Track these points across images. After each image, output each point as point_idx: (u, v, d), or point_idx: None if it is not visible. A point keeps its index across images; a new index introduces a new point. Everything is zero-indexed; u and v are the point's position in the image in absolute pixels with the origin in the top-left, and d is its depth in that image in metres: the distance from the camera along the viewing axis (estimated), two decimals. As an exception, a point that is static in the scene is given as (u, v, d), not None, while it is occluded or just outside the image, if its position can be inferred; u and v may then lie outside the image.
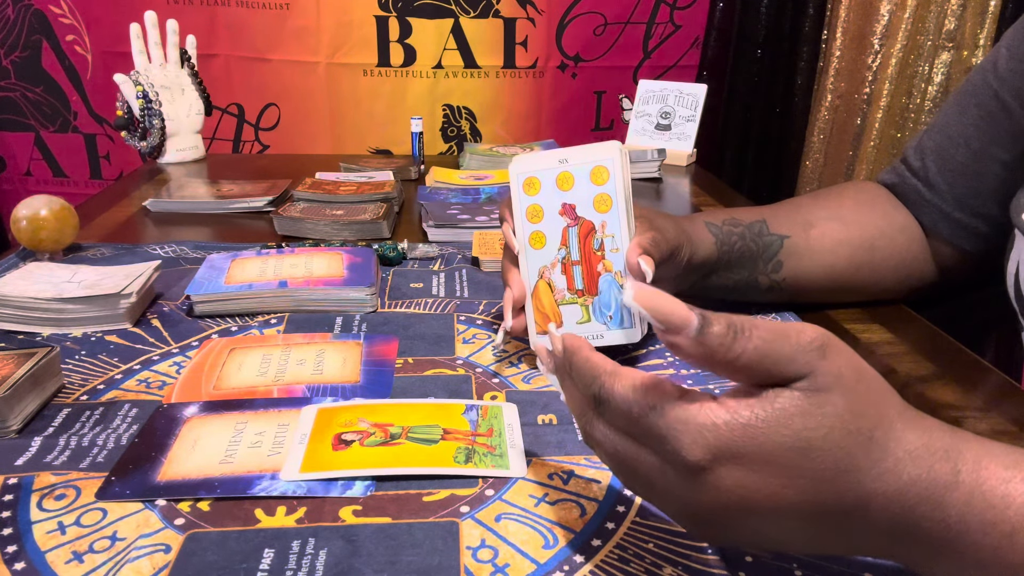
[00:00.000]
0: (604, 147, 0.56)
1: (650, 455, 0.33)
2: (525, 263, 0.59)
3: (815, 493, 0.31)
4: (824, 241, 0.68)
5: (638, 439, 0.34)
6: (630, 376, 0.34)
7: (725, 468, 0.31)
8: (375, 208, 0.96)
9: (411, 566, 0.39)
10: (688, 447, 0.31)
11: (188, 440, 0.49)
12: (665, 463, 0.32)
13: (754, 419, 0.30)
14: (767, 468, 0.30)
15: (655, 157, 1.25)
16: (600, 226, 0.57)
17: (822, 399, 0.30)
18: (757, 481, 0.31)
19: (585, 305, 0.58)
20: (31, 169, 1.93)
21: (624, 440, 0.34)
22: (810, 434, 0.30)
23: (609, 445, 0.35)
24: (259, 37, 1.79)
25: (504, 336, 0.59)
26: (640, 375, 0.34)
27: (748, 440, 0.30)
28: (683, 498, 0.33)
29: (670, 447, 0.32)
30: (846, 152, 1.87)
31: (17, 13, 1.80)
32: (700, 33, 1.90)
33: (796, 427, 0.30)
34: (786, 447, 0.30)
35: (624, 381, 0.34)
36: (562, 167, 0.57)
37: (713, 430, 0.31)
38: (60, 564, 0.39)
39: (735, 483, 0.31)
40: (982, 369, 0.62)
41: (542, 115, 1.91)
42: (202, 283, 0.70)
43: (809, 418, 0.30)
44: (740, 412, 0.31)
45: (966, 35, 1.74)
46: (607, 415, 0.35)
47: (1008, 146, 0.65)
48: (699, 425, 0.31)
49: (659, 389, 0.33)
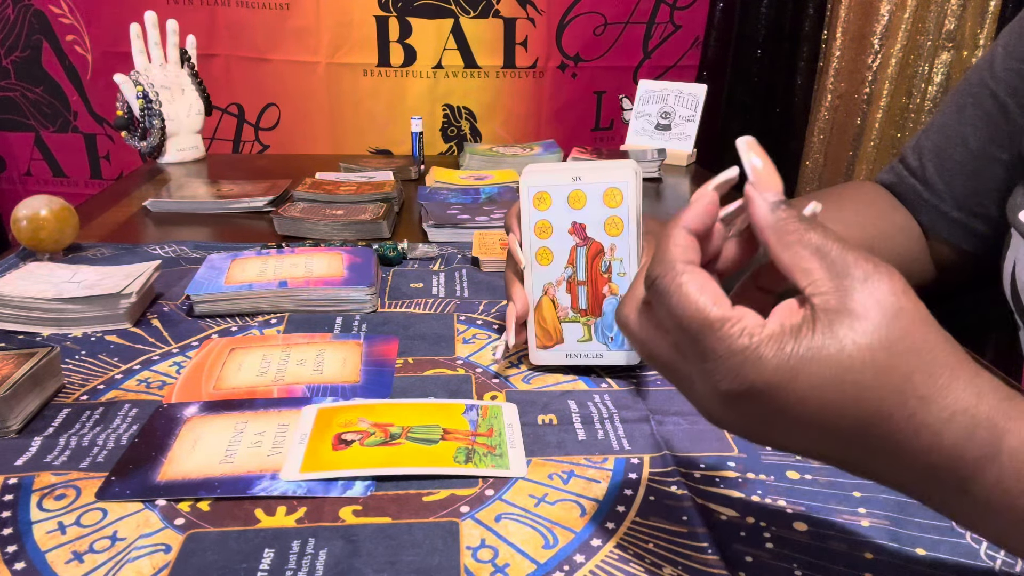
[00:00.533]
0: (619, 168, 0.55)
1: (685, 362, 0.33)
2: (530, 278, 0.58)
3: (844, 434, 0.30)
4: None
5: (678, 344, 0.33)
6: (697, 282, 0.32)
7: (756, 401, 0.30)
8: (375, 208, 0.96)
9: (411, 566, 0.39)
10: (724, 377, 0.31)
11: (188, 440, 0.49)
12: (699, 376, 0.32)
13: (794, 358, 0.29)
14: (799, 409, 0.30)
15: (655, 157, 1.25)
16: (609, 249, 0.56)
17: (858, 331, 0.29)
18: (787, 416, 0.30)
19: (588, 325, 0.58)
20: (31, 169, 1.93)
21: (664, 336, 0.34)
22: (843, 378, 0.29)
23: (643, 334, 0.34)
24: (259, 37, 1.79)
25: (505, 350, 0.59)
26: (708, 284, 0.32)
27: (785, 380, 0.30)
28: (711, 407, 0.33)
29: (708, 367, 0.31)
30: (846, 152, 1.87)
31: (17, 13, 1.80)
32: (700, 33, 1.90)
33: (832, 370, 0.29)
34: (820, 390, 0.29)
35: (690, 286, 0.32)
36: (575, 185, 0.56)
37: (753, 367, 0.30)
38: (60, 564, 0.39)
39: (765, 414, 0.31)
40: (982, 369, 0.62)
41: (542, 115, 1.91)
42: (202, 283, 0.70)
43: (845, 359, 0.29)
44: (783, 348, 0.30)
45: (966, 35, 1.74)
46: (657, 306, 0.33)
47: (1006, 145, 0.65)
48: (741, 359, 0.30)
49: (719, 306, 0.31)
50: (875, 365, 0.29)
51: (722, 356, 0.31)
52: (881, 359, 0.29)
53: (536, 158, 1.30)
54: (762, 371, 0.30)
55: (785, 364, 0.30)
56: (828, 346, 0.29)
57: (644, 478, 0.47)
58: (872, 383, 0.29)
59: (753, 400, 0.30)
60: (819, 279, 0.31)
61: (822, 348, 0.29)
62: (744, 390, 0.30)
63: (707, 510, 0.44)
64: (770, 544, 0.41)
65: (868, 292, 0.30)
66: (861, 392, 0.29)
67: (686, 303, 0.32)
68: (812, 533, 0.42)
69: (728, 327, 0.31)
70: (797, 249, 0.31)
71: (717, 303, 0.31)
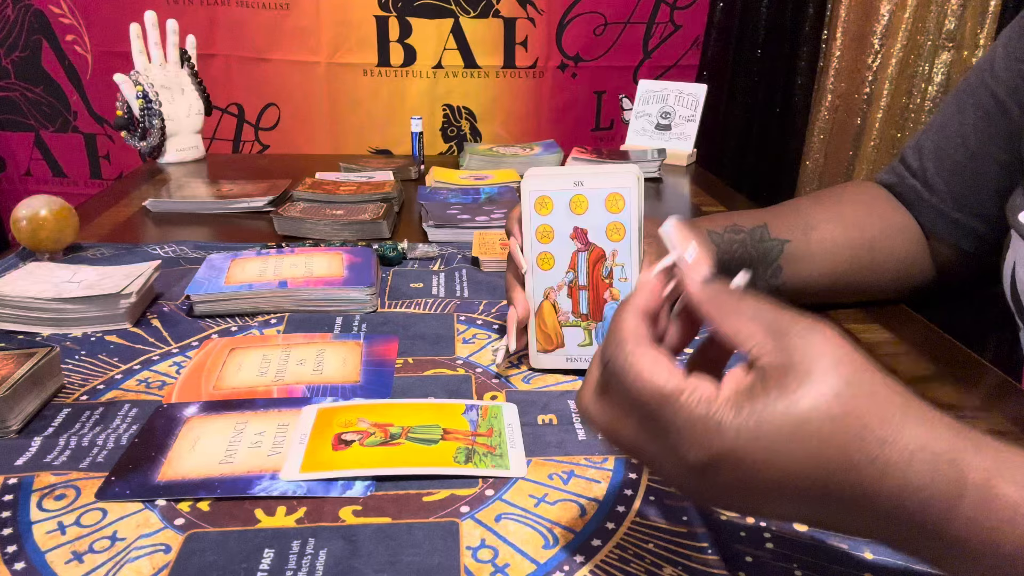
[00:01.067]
0: (621, 173, 0.55)
1: (650, 441, 0.33)
2: (531, 283, 0.58)
3: (815, 489, 0.30)
4: (824, 244, 0.68)
5: (641, 423, 0.33)
6: (650, 359, 0.33)
7: (725, 468, 0.31)
8: (375, 208, 0.96)
9: (411, 566, 0.39)
10: (689, 448, 0.31)
11: (188, 440, 0.49)
12: (665, 452, 0.32)
13: (752, 419, 0.30)
14: (767, 470, 0.30)
15: (655, 157, 1.25)
16: (611, 254, 0.56)
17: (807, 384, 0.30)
18: (757, 480, 0.31)
19: (588, 329, 0.58)
20: (31, 169, 1.93)
21: (626, 418, 0.34)
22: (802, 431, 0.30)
23: (606, 419, 0.35)
24: (259, 37, 1.79)
25: (505, 355, 0.59)
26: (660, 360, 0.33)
27: (747, 442, 0.30)
28: (684, 482, 0.33)
29: (671, 442, 0.32)
30: (846, 152, 1.87)
31: (17, 13, 1.80)
32: (700, 33, 1.90)
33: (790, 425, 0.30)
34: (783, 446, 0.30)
35: (643, 363, 0.33)
36: (577, 190, 0.55)
37: (716, 433, 0.30)
38: (60, 564, 0.39)
39: (735, 480, 0.31)
40: (982, 369, 0.62)
41: (542, 115, 1.91)
42: (202, 283, 0.70)
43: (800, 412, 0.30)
44: (740, 410, 0.30)
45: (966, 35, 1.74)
46: (614, 387, 0.34)
47: (1005, 146, 0.65)
48: (702, 427, 0.31)
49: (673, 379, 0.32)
50: (830, 414, 0.30)
51: (683, 427, 0.31)
52: (835, 408, 0.30)
53: (536, 158, 1.30)
54: (724, 436, 0.30)
55: (744, 426, 0.30)
56: (782, 402, 0.30)
57: (644, 478, 0.47)
58: (831, 432, 0.30)
59: (721, 468, 0.31)
60: (760, 341, 0.32)
61: (777, 405, 0.30)
62: (710, 459, 0.31)
63: (707, 510, 0.44)
64: (770, 544, 0.41)
65: (809, 345, 0.31)
66: (822, 443, 0.30)
67: (641, 379, 0.32)
68: (812, 533, 0.42)
69: (684, 397, 0.31)
70: (734, 317, 0.33)
71: (671, 376, 0.32)
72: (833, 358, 0.31)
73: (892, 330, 0.68)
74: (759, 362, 0.32)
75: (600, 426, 0.35)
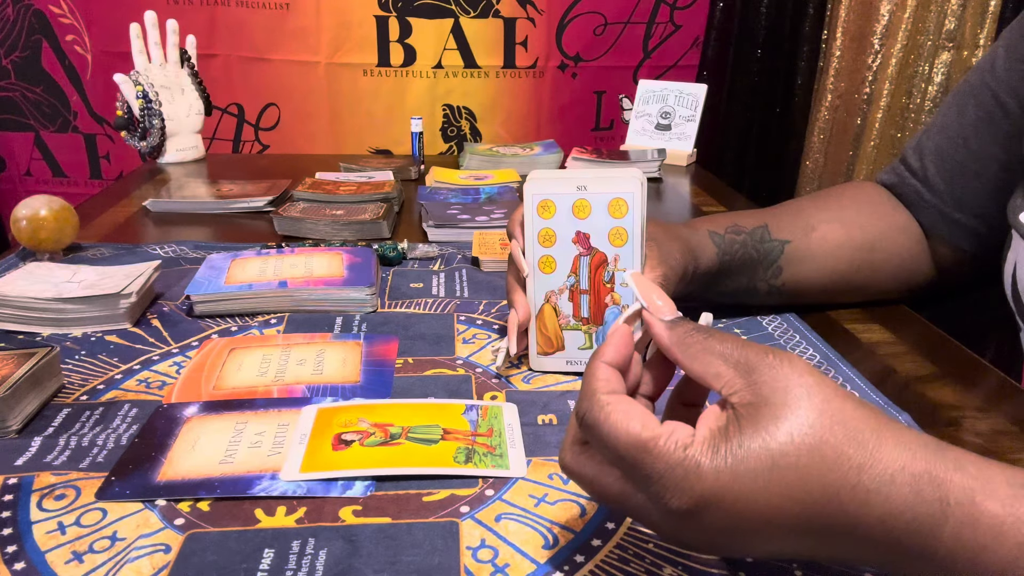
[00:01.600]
0: (625, 178, 0.55)
1: (635, 491, 0.33)
2: (532, 286, 0.58)
3: (800, 522, 0.30)
4: (825, 244, 0.68)
5: (623, 475, 0.33)
6: (623, 409, 0.33)
7: (708, 511, 0.31)
8: (375, 208, 0.96)
9: (411, 566, 0.39)
10: (671, 494, 0.31)
11: (188, 440, 0.49)
12: (651, 502, 0.32)
13: (729, 457, 0.30)
14: (750, 508, 0.30)
15: (655, 157, 1.25)
16: (613, 259, 0.56)
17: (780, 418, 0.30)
18: (742, 519, 0.31)
19: (589, 333, 0.58)
20: (31, 169, 1.93)
21: (608, 471, 0.34)
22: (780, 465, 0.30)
23: (589, 474, 0.35)
24: (259, 37, 1.79)
25: (506, 357, 0.59)
26: (633, 409, 0.33)
27: (727, 482, 0.30)
28: (672, 531, 0.33)
29: (654, 490, 0.32)
30: (846, 152, 1.87)
31: (17, 13, 1.80)
32: (700, 33, 1.90)
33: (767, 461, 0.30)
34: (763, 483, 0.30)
35: (616, 414, 0.33)
36: (580, 194, 0.55)
37: (696, 476, 0.30)
38: (60, 564, 0.39)
39: (720, 522, 0.31)
40: (982, 369, 0.62)
41: (542, 115, 1.91)
42: (202, 283, 0.70)
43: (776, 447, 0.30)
44: (717, 451, 0.31)
45: (966, 35, 1.74)
46: (592, 441, 0.34)
47: (1006, 146, 0.65)
48: (681, 471, 0.31)
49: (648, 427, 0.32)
50: (805, 446, 0.30)
51: (663, 474, 0.31)
52: (809, 439, 0.30)
53: (536, 158, 1.30)
54: (703, 478, 0.30)
55: (723, 466, 0.30)
56: (757, 439, 0.30)
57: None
58: (808, 464, 0.30)
59: (705, 511, 0.31)
60: (729, 379, 0.32)
61: (752, 442, 0.30)
62: (693, 503, 0.31)
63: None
64: (770, 544, 0.41)
65: (778, 380, 0.31)
66: (801, 475, 0.30)
67: (616, 431, 0.32)
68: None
69: (662, 443, 0.31)
70: (703, 357, 0.33)
71: (645, 425, 0.32)
72: (803, 390, 0.31)
73: (892, 330, 0.68)
74: (731, 400, 0.32)
75: (583, 482, 0.35)
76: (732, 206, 1.11)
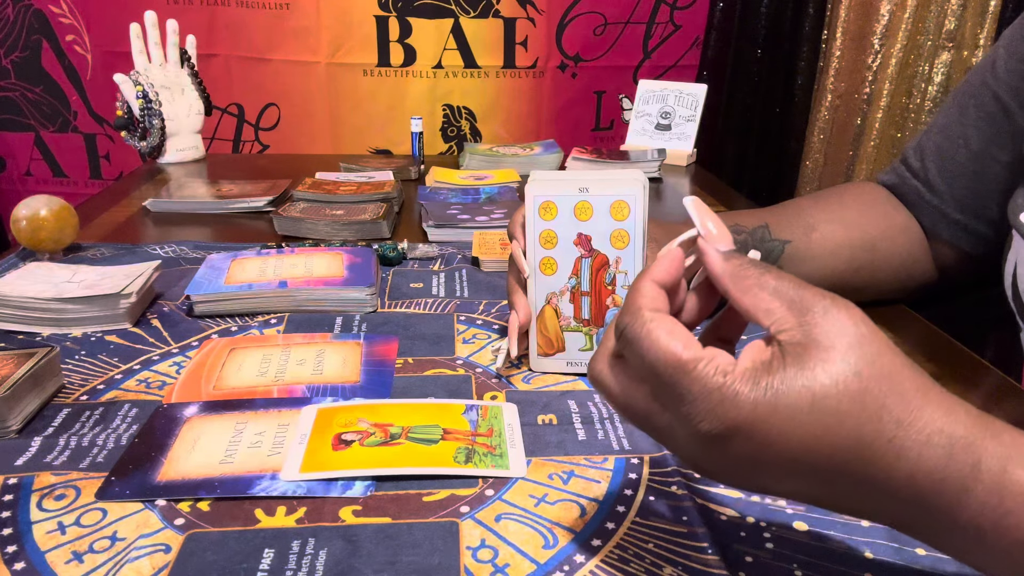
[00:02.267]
0: (627, 180, 0.55)
1: (663, 410, 0.33)
2: (533, 287, 0.58)
3: (829, 466, 0.30)
4: (826, 244, 0.68)
5: (654, 392, 0.33)
6: (667, 327, 0.33)
7: (738, 439, 0.30)
8: (375, 208, 0.96)
9: (411, 566, 0.39)
10: (704, 417, 0.31)
11: (188, 440, 0.49)
12: (678, 421, 0.32)
13: (770, 391, 0.30)
14: (781, 444, 0.30)
15: (655, 157, 1.25)
16: (614, 261, 0.56)
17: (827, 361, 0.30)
18: (770, 453, 0.30)
19: (590, 335, 0.58)
20: (31, 169, 1.93)
21: (638, 386, 0.34)
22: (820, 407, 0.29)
23: (618, 387, 0.35)
24: (259, 37, 1.79)
25: (506, 358, 0.59)
26: (677, 329, 0.33)
27: (764, 415, 0.30)
28: (695, 454, 0.33)
29: (685, 411, 0.31)
30: (846, 152, 1.87)
31: (17, 13, 1.80)
32: (700, 33, 1.90)
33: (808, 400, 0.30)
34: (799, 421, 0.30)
35: (660, 331, 0.32)
36: (582, 196, 0.55)
37: (732, 403, 0.30)
38: (60, 564, 0.39)
39: (748, 453, 0.31)
40: (982, 369, 0.62)
41: (542, 115, 1.91)
42: (202, 283, 0.70)
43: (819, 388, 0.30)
44: (759, 383, 0.30)
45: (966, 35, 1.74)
46: (629, 355, 0.34)
47: (1007, 147, 0.65)
48: (718, 397, 0.30)
49: (691, 348, 0.32)
50: (848, 392, 0.30)
51: (698, 396, 0.31)
52: (854, 386, 0.30)
53: (536, 158, 1.30)
54: (741, 407, 0.30)
55: (762, 399, 0.30)
56: (801, 378, 0.30)
57: (644, 478, 0.47)
58: (848, 409, 0.30)
59: (735, 439, 0.31)
60: (781, 317, 0.32)
61: (796, 380, 0.30)
62: (724, 429, 0.30)
63: (707, 510, 0.44)
64: (770, 544, 0.41)
65: (831, 324, 0.31)
66: (839, 420, 0.30)
67: (657, 347, 0.32)
68: (812, 533, 0.42)
69: (702, 367, 0.31)
70: (756, 292, 0.33)
71: (688, 346, 0.32)
72: (855, 337, 0.30)
73: (892, 330, 0.68)
74: (779, 337, 0.31)
75: (612, 394, 0.35)
76: (732, 206, 1.11)
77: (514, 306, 0.58)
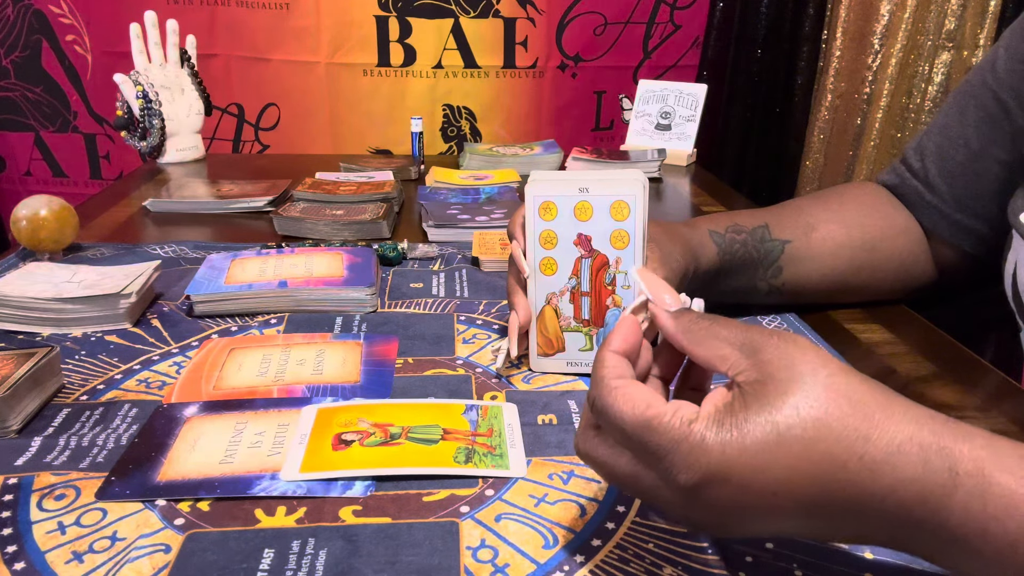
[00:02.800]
0: (627, 180, 0.55)
1: (647, 471, 0.34)
2: (533, 287, 0.58)
3: (809, 496, 0.31)
4: (825, 244, 0.68)
5: (634, 456, 0.34)
6: (630, 392, 0.34)
7: (715, 485, 0.31)
8: (375, 208, 0.96)
9: (411, 566, 0.39)
10: (680, 469, 0.32)
11: (188, 440, 0.49)
12: (661, 479, 0.33)
13: (735, 431, 0.31)
14: (758, 482, 0.31)
15: (655, 157, 1.25)
16: (614, 261, 0.56)
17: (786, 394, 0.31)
18: (750, 494, 0.31)
19: (590, 335, 0.58)
20: (31, 169, 1.93)
21: (620, 453, 0.35)
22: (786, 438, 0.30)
23: (603, 457, 0.36)
24: (259, 37, 1.79)
25: (506, 359, 0.59)
26: (640, 391, 0.34)
27: (733, 457, 0.31)
28: (682, 510, 0.34)
29: (663, 467, 0.32)
30: (846, 152, 1.87)
31: (17, 13, 1.80)
32: (700, 33, 1.90)
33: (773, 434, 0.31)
34: (769, 457, 0.31)
35: (624, 396, 0.34)
36: (582, 196, 0.55)
37: (701, 450, 0.31)
38: (60, 564, 0.39)
39: (729, 498, 0.31)
40: (982, 369, 0.62)
41: (542, 115, 1.91)
42: (202, 283, 0.70)
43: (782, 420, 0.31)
44: (722, 425, 0.31)
45: (966, 35, 1.74)
46: (604, 425, 0.35)
47: (1007, 147, 0.65)
48: (687, 446, 0.31)
49: (654, 406, 0.33)
50: (812, 419, 0.30)
51: (669, 449, 0.32)
52: (815, 411, 0.31)
53: (536, 158, 1.30)
54: (710, 452, 0.31)
55: (729, 440, 0.31)
56: (763, 413, 0.31)
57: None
58: (815, 435, 0.30)
59: (712, 486, 0.31)
60: (735, 361, 0.33)
61: (759, 416, 0.31)
62: (700, 478, 0.31)
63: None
64: (770, 544, 0.41)
65: (784, 358, 0.32)
66: (808, 447, 0.30)
67: (623, 412, 0.34)
68: (812, 533, 0.42)
69: (667, 419, 0.32)
70: (708, 342, 0.35)
71: (650, 404, 0.33)
72: (808, 366, 0.32)
73: (892, 330, 0.68)
74: (737, 379, 0.33)
75: (599, 465, 0.36)
76: (732, 206, 1.11)
77: (514, 306, 0.58)
